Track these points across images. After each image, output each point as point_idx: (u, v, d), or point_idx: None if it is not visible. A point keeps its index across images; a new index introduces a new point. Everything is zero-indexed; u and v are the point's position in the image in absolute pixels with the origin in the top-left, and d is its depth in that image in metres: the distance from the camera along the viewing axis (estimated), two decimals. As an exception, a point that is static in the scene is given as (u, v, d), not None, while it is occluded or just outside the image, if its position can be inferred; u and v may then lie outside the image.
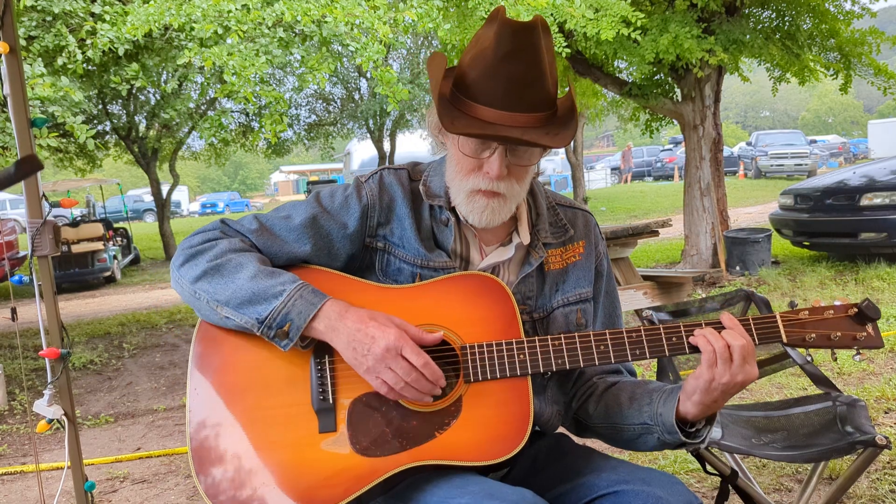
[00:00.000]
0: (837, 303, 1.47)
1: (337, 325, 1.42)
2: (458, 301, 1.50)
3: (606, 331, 1.47)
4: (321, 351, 1.47)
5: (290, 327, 1.41)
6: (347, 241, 1.57)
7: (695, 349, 1.44)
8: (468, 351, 1.46)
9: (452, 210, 1.59)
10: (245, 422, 1.45)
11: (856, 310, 1.45)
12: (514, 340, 1.47)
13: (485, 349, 1.46)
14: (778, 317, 1.46)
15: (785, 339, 1.45)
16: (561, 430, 1.72)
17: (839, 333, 1.45)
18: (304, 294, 1.43)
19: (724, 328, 1.43)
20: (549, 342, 1.47)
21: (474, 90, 1.45)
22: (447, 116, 1.45)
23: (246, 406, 1.46)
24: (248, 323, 1.43)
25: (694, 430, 1.49)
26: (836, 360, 1.51)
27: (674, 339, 1.46)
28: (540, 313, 1.60)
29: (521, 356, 1.46)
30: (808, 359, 1.57)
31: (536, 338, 1.47)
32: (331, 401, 1.45)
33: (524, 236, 1.60)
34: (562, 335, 1.48)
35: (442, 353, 1.48)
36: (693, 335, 1.44)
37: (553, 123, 1.48)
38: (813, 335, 1.45)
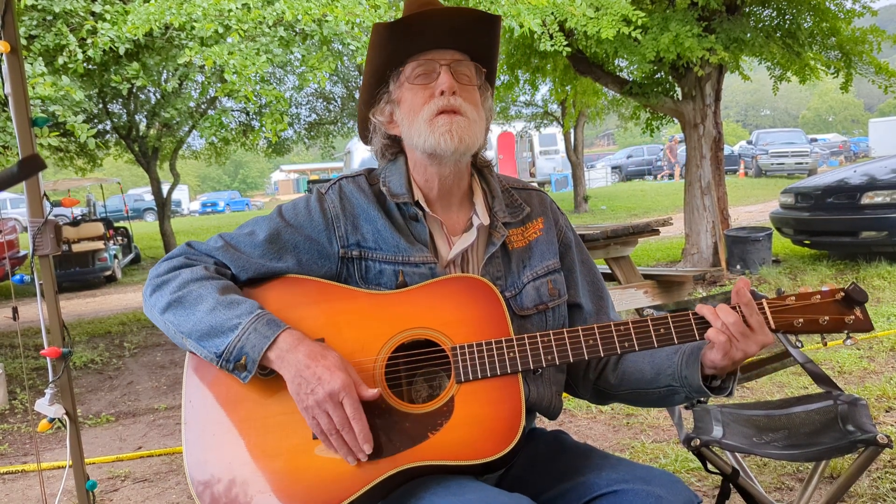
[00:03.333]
0: (825, 288, 1.47)
1: (287, 356, 1.41)
2: (447, 304, 1.51)
3: (594, 325, 1.49)
4: None
5: (246, 360, 1.42)
6: (316, 254, 1.57)
7: (683, 339, 1.46)
8: (458, 351, 1.46)
9: (417, 204, 1.61)
10: (239, 431, 1.45)
11: (843, 294, 1.45)
12: (503, 339, 1.47)
13: (474, 348, 1.46)
14: (765, 303, 1.46)
15: (773, 325, 1.45)
16: (559, 427, 1.72)
17: (827, 318, 1.44)
18: (259, 326, 1.43)
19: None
20: (539, 339, 1.48)
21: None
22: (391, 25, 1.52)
23: (240, 416, 1.46)
24: (208, 357, 1.45)
25: (720, 383, 1.51)
26: (825, 345, 1.50)
27: (661, 330, 1.47)
28: (512, 291, 1.61)
29: (511, 354, 1.46)
30: (798, 345, 1.56)
31: (526, 335, 1.48)
32: None
33: (483, 217, 1.62)
34: (550, 332, 1.49)
35: (433, 354, 1.48)
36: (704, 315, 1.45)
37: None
38: (801, 320, 1.45)
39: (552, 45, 6.22)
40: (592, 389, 1.72)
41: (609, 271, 7.12)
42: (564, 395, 1.72)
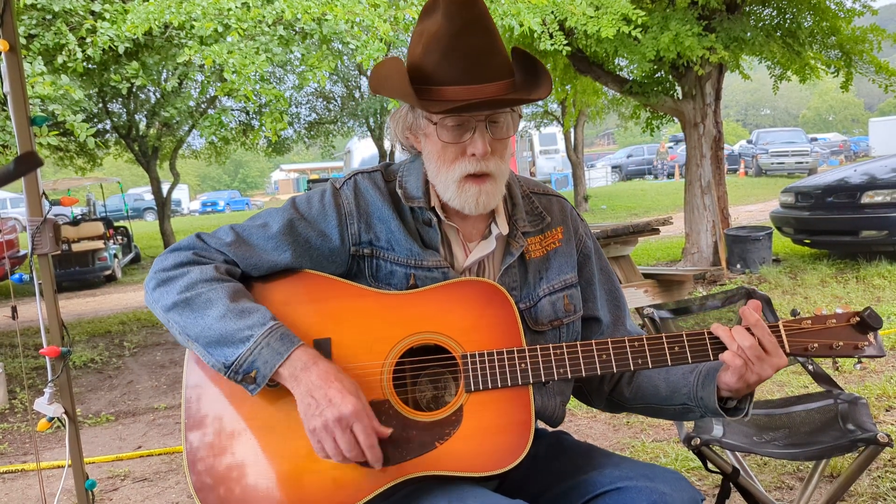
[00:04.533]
0: (839, 310, 1.46)
1: (300, 374, 1.38)
2: (459, 308, 1.48)
3: (608, 339, 1.46)
4: None
5: (256, 374, 1.38)
6: (328, 249, 1.54)
7: (698, 359, 1.45)
8: (469, 359, 1.44)
9: (432, 210, 1.57)
10: (242, 434, 1.43)
11: (858, 319, 1.44)
12: (515, 349, 1.45)
13: (485, 358, 1.44)
14: (781, 326, 1.45)
15: (787, 349, 1.44)
16: (561, 427, 1.72)
17: (841, 343, 1.44)
18: (272, 342, 1.38)
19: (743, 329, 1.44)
20: (551, 350, 1.45)
21: (438, 75, 1.45)
22: (424, 104, 1.44)
23: (242, 418, 1.44)
24: (215, 366, 1.41)
25: (735, 405, 1.50)
26: (837, 369, 1.50)
27: (676, 348, 1.45)
28: (526, 303, 1.58)
29: (523, 365, 1.44)
30: (811, 367, 1.56)
31: (538, 346, 1.45)
32: None
33: (502, 226, 1.59)
34: (564, 344, 1.46)
35: (442, 361, 1.46)
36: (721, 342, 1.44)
37: (524, 83, 1.50)
38: (815, 345, 1.44)
39: (552, 45, 6.22)
40: (606, 401, 1.70)
41: (609, 270, 7.11)
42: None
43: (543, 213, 1.66)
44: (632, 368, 1.45)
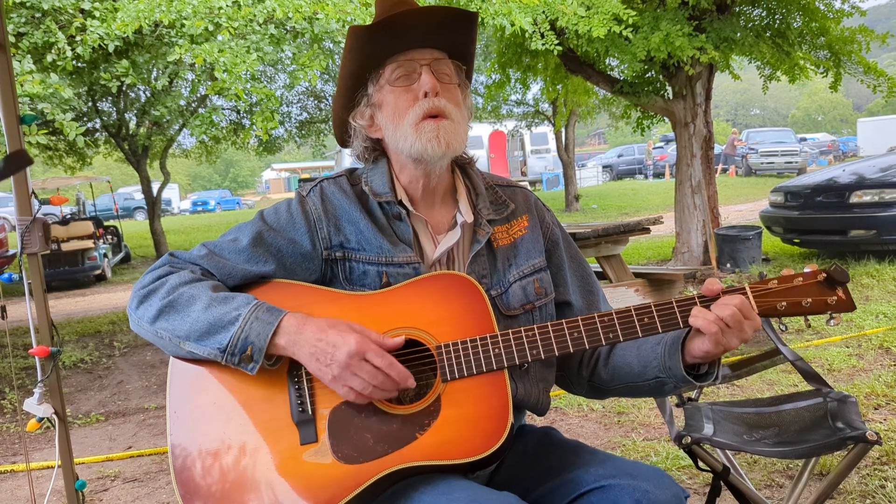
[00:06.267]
0: (807, 269, 1.47)
1: (297, 338, 1.41)
2: (430, 302, 1.50)
3: (579, 317, 1.49)
4: (297, 363, 1.47)
5: (252, 350, 1.41)
6: (300, 256, 1.57)
7: (668, 328, 1.46)
8: (443, 350, 1.46)
9: (400, 203, 1.61)
10: (226, 441, 1.45)
11: (825, 275, 1.45)
12: (488, 335, 1.47)
13: (459, 346, 1.46)
14: (747, 288, 1.46)
15: (756, 310, 1.45)
16: (553, 426, 1.72)
17: (810, 299, 1.45)
18: (260, 314, 1.43)
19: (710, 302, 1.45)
20: (523, 333, 1.47)
21: (377, 12, 1.57)
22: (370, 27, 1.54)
23: (226, 426, 1.46)
24: (211, 354, 1.43)
25: (705, 370, 1.52)
26: (809, 326, 1.51)
27: (645, 319, 1.47)
28: (498, 289, 1.61)
29: (497, 350, 1.46)
30: (783, 328, 1.58)
31: (510, 330, 1.48)
32: (310, 412, 1.45)
33: (466, 214, 1.62)
34: (535, 326, 1.49)
35: (418, 354, 1.48)
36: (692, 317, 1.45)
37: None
38: (784, 303, 1.45)
39: (543, 44, 6.24)
40: (587, 386, 1.72)
41: (600, 270, 7.14)
42: (556, 393, 1.73)
43: (507, 202, 1.70)
44: (603, 343, 1.47)
